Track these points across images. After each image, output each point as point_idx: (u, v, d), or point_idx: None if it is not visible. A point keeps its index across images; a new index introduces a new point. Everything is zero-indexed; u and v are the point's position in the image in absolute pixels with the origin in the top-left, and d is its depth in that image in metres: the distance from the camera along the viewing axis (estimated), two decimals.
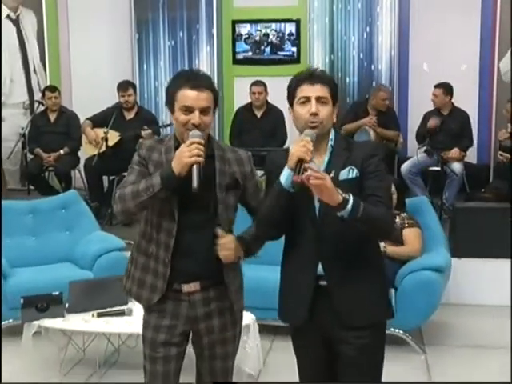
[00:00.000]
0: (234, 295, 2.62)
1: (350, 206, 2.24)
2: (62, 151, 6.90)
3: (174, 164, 2.39)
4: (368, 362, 2.44)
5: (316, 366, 2.53)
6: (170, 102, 2.50)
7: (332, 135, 2.46)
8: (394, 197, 4.26)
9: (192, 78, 2.48)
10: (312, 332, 2.47)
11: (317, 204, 2.38)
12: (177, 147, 2.49)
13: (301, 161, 2.25)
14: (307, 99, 2.38)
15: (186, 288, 2.56)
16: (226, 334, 2.65)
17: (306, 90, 2.39)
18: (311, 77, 2.41)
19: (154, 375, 2.60)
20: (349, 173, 2.38)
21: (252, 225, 2.63)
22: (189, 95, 2.44)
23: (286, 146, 5.75)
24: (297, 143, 2.30)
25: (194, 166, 2.37)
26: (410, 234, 4.44)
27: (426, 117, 6.72)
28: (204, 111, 2.46)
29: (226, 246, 2.52)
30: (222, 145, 2.66)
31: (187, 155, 2.35)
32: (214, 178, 2.52)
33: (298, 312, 2.46)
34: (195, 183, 2.37)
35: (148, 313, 2.64)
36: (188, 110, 2.44)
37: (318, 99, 2.38)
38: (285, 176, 2.34)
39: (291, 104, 2.45)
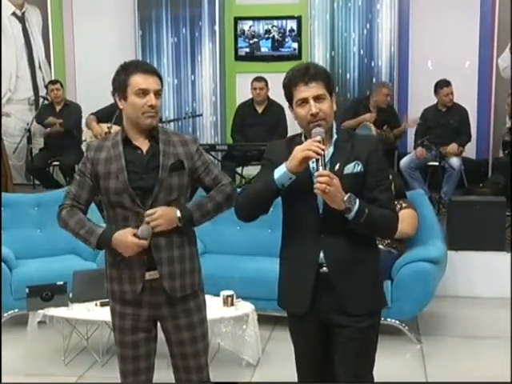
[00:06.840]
0: (167, 277, 2.60)
1: (353, 213, 2.34)
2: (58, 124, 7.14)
3: (115, 242, 2.54)
4: (363, 340, 2.50)
5: (312, 347, 2.59)
6: (122, 89, 2.57)
7: (334, 127, 2.49)
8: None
9: (141, 65, 2.60)
10: (311, 318, 2.51)
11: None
12: (124, 139, 2.61)
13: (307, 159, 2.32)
14: (305, 100, 2.39)
15: (147, 276, 2.60)
16: (191, 319, 2.68)
17: (303, 92, 2.39)
18: (305, 76, 2.39)
19: (125, 359, 2.69)
20: (354, 167, 2.42)
21: (206, 195, 2.67)
22: (143, 79, 2.55)
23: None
24: (306, 144, 2.34)
25: None
26: (404, 214, 4.41)
27: (426, 113, 6.79)
28: (157, 94, 2.56)
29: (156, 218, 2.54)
30: (168, 130, 2.76)
31: (127, 251, 2.53)
32: (159, 160, 2.58)
33: (300, 300, 2.50)
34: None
35: (113, 300, 2.71)
36: (143, 92, 2.54)
37: (316, 98, 2.39)
38: (280, 172, 2.37)
39: (290, 103, 2.47)
